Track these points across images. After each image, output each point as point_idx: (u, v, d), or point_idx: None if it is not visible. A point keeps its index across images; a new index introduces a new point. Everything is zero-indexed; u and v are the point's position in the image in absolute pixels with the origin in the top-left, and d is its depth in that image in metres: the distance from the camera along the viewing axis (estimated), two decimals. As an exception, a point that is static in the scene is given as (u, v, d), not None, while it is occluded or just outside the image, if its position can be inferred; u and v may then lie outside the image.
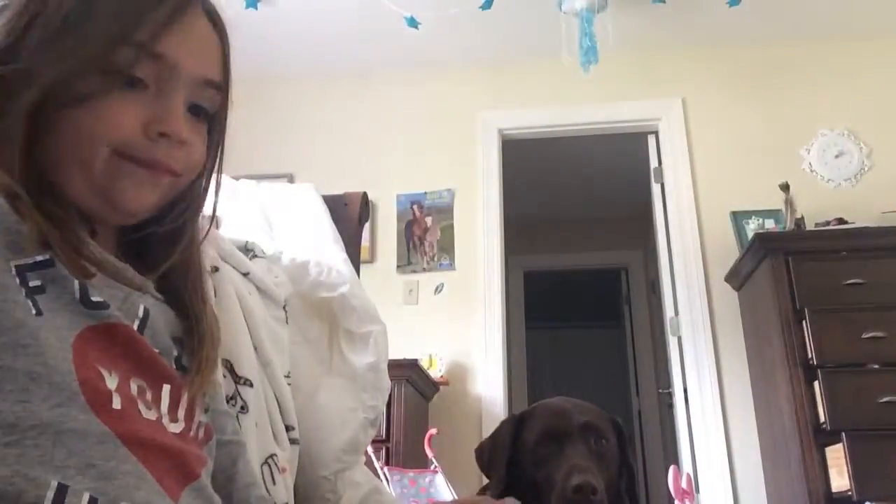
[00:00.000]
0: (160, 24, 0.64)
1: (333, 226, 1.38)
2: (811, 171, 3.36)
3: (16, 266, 0.54)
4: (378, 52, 3.65)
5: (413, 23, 3.16)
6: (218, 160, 0.75)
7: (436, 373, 3.18)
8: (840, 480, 2.45)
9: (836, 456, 2.47)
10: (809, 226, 3.05)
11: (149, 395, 0.60)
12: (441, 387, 3.20)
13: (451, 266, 3.45)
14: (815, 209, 3.17)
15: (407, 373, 2.83)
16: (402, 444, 2.73)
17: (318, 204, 1.41)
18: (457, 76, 3.75)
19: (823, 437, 2.54)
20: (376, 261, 3.49)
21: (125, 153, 0.63)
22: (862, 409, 2.50)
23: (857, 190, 3.31)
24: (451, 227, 3.51)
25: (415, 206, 3.56)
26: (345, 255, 1.33)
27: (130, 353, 0.60)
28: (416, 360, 2.97)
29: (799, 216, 3.09)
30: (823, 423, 2.52)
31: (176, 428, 0.62)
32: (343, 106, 3.79)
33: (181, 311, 0.72)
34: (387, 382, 1.25)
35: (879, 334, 2.58)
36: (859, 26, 3.49)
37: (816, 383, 2.57)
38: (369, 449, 2.26)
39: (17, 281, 0.54)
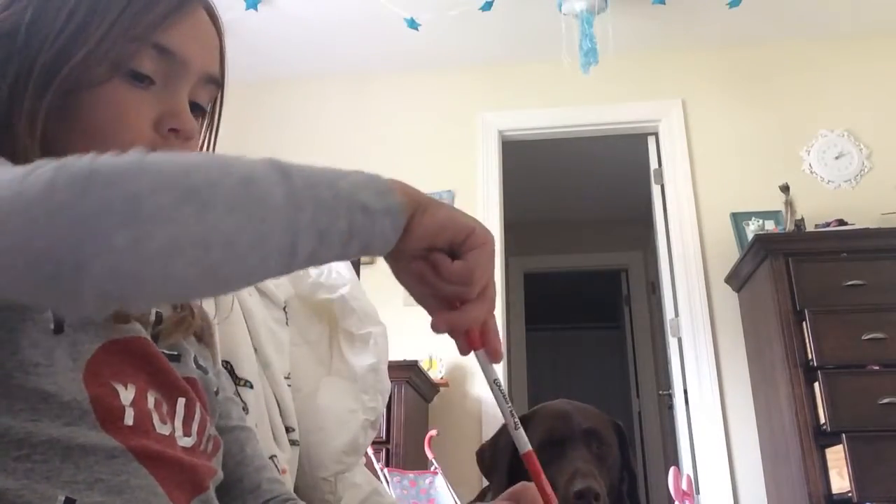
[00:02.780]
0: (166, 19, 0.64)
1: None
2: (811, 172, 3.36)
3: None
4: (378, 53, 3.65)
5: (413, 24, 3.16)
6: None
7: (436, 374, 3.18)
8: (840, 482, 2.45)
9: (837, 457, 2.47)
10: (809, 227, 3.05)
11: (164, 409, 0.61)
12: (441, 388, 3.20)
13: (452, 267, 3.44)
14: (815, 210, 3.18)
15: (407, 374, 2.83)
16: (402, 446, 2.73)
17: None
18: (457, 77, 3.75)
19: (824, 439, 2.54)
20: (376, 262, 3.49)
21: None
22: (862, 411, 2.49)
23: (856, 191, 3.31)
24: (451, 228, 3.51)
25: (415, 208, 3.56)
26: (345, 257, 1.32)
27: (147, 366, 0.61)
28: (416, 361, 2.97)
29: (799, 217, 3.09)
30: (824, 424, 2.52)
31: (188, 442, 0.62)
32: (343, 107, 3.79)
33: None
34: (387, 384, 1.25)
35: (879, 335, 2.58)
36: (859, 27, 3.49)
37: (817, 384, 2.57)
38: (369, 450, 2.26)
39: None
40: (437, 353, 3.25)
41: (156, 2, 0.64)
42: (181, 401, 0.63)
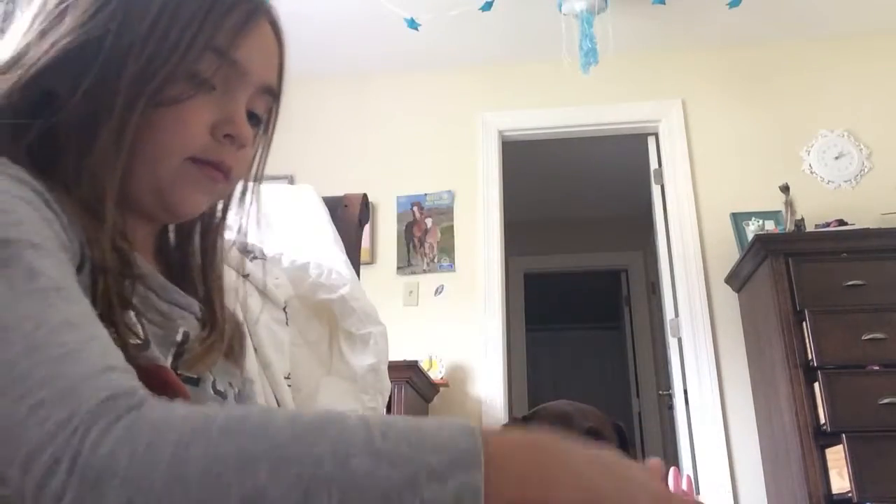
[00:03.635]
0: (236, 30, 0.66)
1: (333, 227, 1.38)
2: (811, 172, 3.36)
3: None
4: (378, 53, 3.65)
5: (413, 24, 3.16)
6: (258, 167, 0.78)
7: (436, 374, 3.18)
8: (840, 482, 2.45)
9: (837, 457, 2.47)
10: (809, 227, 3.05)
11: None
12: (441, 388, 3.20)
13: (452, 267, 3.45)
14: (814, 211, 3.17)
15: (407, 374, 2.83)
16: (402, 446, 2.72)
17: (319, 205, 1.41)
18: (457, 77, 3.75)
19: (823, 439, 2.54)
20: (376, 262, 3.49)
21: (195, 158, 0.65)
22: (862, 411, 2.49)
23: (856, 191, 3.31)
24: (452, 228, 3.51)
25: (415, 208, 3.56)
26: (345, 257, 1.32)
27: (161, 394, 0.60)
28: (416, 361, 2.97)
29: (799, 218, 3.09)
30: (823, 424, 2.52)
31: None
32: (343, 107, 3.78)
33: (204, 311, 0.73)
34: (387, 384, 1.25)
35: (879, 336, 2.58)
36: (859, 27, 3.49)
37: (817, 385, 2.57)
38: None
39: None
40: (438, 354, 3.25)
41: (228, 13, 0.65)
42: None
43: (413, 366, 2.90)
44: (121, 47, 0.62)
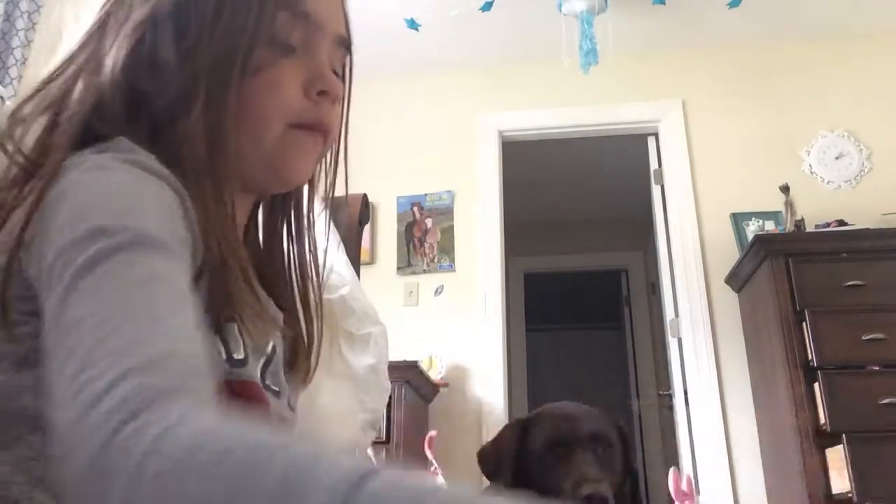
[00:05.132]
0: None
1: (333, 227, 1.38)
2: (811, 172, 3.36)
3: None
4: (378, 53, 3.65)
5: (413, 25, 3.16)
6: (342, 126, 0.73)
7: (436, 375, 3.18)
8: (840, 482, 2.45)
9: (837, 458, 2.47)
10: (809, 227, 3.05)
11: None
12: (441, 389, 3.20)
13: (452, 268, 3.44)
14: (815, 211, 3.17)
15: (407, 375, 2.83)
16: (402, 446, 2.73)
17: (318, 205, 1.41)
18: (457, 78, 3.75)
19: (824, 439, 2.54)
20: (376, 262, 3.49)
21: (296, 122, 0.63)
22: (862, 411, 2.49)
23: (857, 192, 3.31)
24: (452, 228, 3.51)
25: (415, 208, 3.56)
26: (345, 257, 1.32)
27: (248, 407, 0.60)
28: (416, 361, 2.97)
29: (799, 218, 3.09)
30: (824, 424, 2.52)
31: None
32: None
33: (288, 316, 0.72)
34: (387, 384, 1.25)
35: (880, 336, 2.58)
36: (859, 27, 3.49)
37: (817, 385, 2.57)
38: (369, 451, 2.25)
39: None
40: (437, 354, 3.25)
41: None
42: None
43: (413, 366, 2.90)
44: (195, 27, 0.60)
